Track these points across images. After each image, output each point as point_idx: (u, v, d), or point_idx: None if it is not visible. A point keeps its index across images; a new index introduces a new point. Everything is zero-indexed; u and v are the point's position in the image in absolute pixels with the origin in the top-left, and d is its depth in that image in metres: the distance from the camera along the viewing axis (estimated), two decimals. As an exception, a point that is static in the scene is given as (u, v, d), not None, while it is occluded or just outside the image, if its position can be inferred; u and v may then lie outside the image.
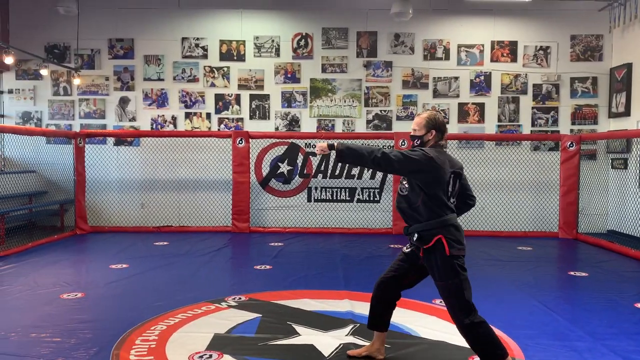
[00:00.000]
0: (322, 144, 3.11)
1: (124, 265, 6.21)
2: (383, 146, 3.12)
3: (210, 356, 3.46)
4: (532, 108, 9.28)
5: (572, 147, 8.52)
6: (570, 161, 8.54)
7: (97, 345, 3.64)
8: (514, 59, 9.29)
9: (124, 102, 9.41)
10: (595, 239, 8.00)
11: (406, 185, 3.22)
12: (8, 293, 5.00)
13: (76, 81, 8.98)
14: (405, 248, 3.39)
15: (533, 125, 9.28)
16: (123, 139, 9.31)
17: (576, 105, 9.24)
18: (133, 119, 9.40)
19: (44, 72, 8.71)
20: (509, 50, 9.28)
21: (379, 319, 3.43)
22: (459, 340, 3.76)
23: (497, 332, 3.92)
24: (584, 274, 6.02)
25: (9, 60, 7.66)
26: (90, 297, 4.91)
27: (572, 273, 6.12)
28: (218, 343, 3.69)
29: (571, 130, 9.18)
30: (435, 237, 3.09)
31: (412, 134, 3.32)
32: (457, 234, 3.15)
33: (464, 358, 3.47)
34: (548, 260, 7.04)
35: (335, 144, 3.07)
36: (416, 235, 3.17)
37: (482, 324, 3.06)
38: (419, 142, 3.26)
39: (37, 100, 9.44)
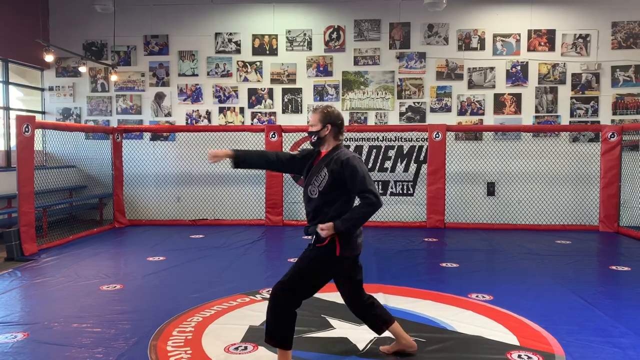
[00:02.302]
0: (326, 228, 2.99)
1: (161, 258, 6.33)
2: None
3: (246, 348, 3.50)
4: (571, 98, 9.02)
5: (613, 137, 8.25)
6: (611, 152, 8.28)
7: (136, 335, 3.72)
8: (551, 48, 9.03)
9: (159, 97, 9.57)
10: (638, 233, 7.74)
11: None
12: (51, 284, 5.16)
13: (113, 77, 9.18)
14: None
15: (572, 115, 9.02)
16: (159, 134, 9.48)
17: (617, 95, 8.94)
18: (168, 114, 9.55)
19: (82, 69, 8.93)
20: (547, 39, 9.03)
21: (383, 317, 3.39)
22: (496, 334, 3.71)
23: (536, 327, 3.85)
24: (626, 269, 5.83)
25: (49, 58, 7.88)
26: (129, 288, 5.02)
27: (613, 267, 5.93)
28: (253, 335, 3.72)
29: (612, 121, 8.89)
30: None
31: (309, 129, 3.28)
32: None
33: (502, 353, 3.40)
34: (588, 254, 6.85)
35: (336, 225, 3.00)
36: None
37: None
38: (315, 137, 3.24)
39: (76, 97, 9.68)
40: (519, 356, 3.35)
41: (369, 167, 9.14)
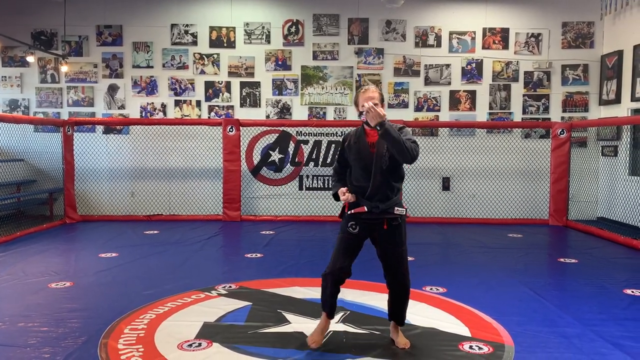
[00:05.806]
0: (380, 110, 3.08)
1: (114, 254, 6.17)
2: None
3: (200, 344, 3.45)
4: (523, 95, 9.27)
5: (562, 134, 8.54)
6: (560, 149, 8.56)
7: (86, 334, 3.62)
8: (505, 46, 9.25)
9: (112, 89, 9.30)
10: (585, 226, 8.04)
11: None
12: (-4, 282, 4.95)
13: (64, 68, 8.86)
14: (351, 229, 3.49)
15: (524, 112, 9.27)
16: (112, 127, 9.22)
17: (567, 93, 9.24)
18: (122, 107, 9.30)
19: (30, 59, 8.58)
20: (501, 37, 9.25)
21: (335, 305, 3.52)
22: (449, 326, 3.79)
23: (487, 318, 3.95)
24: (573, 261, 6.05)
25: (-6, 46, 7.54)
26: (79, 286, 4.87)
27: (562, 260, 6.15)
28: (207, 331, 3.67)
29: (562, 118, 9.19)
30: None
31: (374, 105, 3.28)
32: None
33: (454, 344, 3.47)
34: (538, 247, 7.07)
35: (386, 123, 3.09)
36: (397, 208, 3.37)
37: None
38: None
39: (24, 88, 9.31)
40: (471, 347, 3.42)
41: (327, 161, 9.17)
